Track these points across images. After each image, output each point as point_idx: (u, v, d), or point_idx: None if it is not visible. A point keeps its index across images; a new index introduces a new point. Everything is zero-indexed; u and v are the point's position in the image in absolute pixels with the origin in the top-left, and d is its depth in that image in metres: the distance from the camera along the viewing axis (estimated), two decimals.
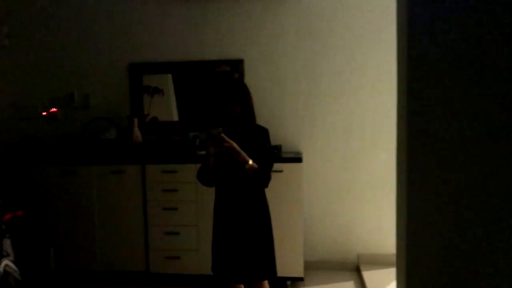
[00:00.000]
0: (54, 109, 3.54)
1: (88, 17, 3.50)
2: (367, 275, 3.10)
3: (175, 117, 3.50)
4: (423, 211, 1.30)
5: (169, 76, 3.46)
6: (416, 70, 1.28)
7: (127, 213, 3.13)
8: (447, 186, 1.28)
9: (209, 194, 2.23)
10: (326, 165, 3.34)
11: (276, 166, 2.87)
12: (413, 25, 1.26)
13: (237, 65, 3.35)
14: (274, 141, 3.09)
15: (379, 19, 3.20)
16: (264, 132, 2.12)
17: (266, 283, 2.18)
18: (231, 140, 1.96)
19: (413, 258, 1.32)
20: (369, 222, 3.31)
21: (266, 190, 2.15)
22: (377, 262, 3.23)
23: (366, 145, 3.30)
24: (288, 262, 2.94)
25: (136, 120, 3.31)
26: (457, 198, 1.27)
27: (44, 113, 3.54)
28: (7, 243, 2.33)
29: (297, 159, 3.01)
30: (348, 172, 3.32)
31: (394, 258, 2.53)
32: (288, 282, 3.03)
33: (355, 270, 3.31)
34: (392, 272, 3.00)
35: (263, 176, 2.02)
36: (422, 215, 1.30)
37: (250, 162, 1.97)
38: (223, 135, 1.94)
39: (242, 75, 3.35)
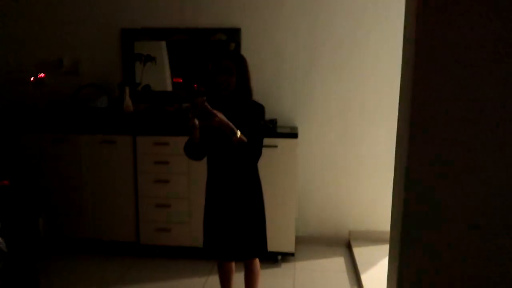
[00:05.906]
0: (42, 74, 3.41)
1: None
2: (358, 251, 3.12)
3: (169, 87, 3.39)
4: (422, 188, 1.28)
5: (163, 43, 3.33)
6: (424, 48, 1.22)
7: (117, 183, 3.08)
8: (447, 165, 1.26)
9: (202, 167, 2.17)
10: (322, 141, 3.28)
11: (271, 141, 2.83)
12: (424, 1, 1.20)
13: (233, 34, 3.22)
14: (269, 115, 3.03)
15: None
16: (259, 109, 2.03)
17: (256, 259, 2.17)
18: (219, 111, 1.83)
19: (408, 234, 1.31)
20: (362, 200, 3.30)
21: (260, 165, 2.09)
22: (368, 238, 3.24)
23: (364, 121, 3.23)
24: (279, 237, 2.93)
25: (127, 89, 3.20)
26: (456, 176, 1.25)
27: (32, 79, 3.41)
28: None
29: (293, 134, 2.95)
30: (345, 149, 3.27)
31: (385, 235, 2.53)
32: (279, 257, 3.03)
33: (346, 246, 3.33)
34: (381, 248, 3.02)
35: (250, 150, 1.91)
36: (421, 192, 1.29)
37: (238, 133, 1.85)
38: (207, 104, 1.78)
39: (238, 45, 3.22)
